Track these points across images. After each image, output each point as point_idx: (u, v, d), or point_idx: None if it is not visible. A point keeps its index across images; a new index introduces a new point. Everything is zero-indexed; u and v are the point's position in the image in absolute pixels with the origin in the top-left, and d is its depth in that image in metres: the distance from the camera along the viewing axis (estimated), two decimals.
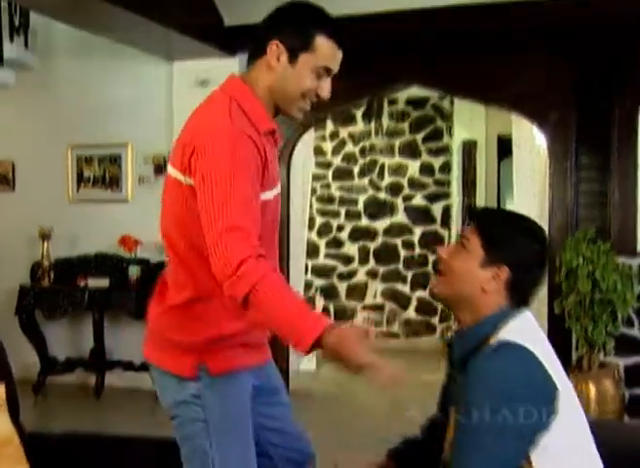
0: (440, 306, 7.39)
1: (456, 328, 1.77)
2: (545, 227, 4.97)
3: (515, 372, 1.59)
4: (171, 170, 1.85)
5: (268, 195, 1.82)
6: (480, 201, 7.37)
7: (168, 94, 5.47)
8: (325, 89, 1.85)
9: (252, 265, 1.63)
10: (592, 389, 4.26)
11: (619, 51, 4.70)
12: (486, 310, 1.70)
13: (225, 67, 5.19)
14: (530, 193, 5.86)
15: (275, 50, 1.81)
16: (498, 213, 1.91)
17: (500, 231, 1.73)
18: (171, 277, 1.91)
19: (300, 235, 6.22)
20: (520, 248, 1.71)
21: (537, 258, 1.72)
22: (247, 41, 5.45)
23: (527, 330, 1.69)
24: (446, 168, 7.46)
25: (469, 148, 7.40)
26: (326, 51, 1.82)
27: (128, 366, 5.52)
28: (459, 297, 1.73)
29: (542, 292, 5.07)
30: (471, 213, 1.82)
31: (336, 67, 1.86)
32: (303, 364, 6.18)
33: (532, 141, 5.80)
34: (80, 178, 5.80)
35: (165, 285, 1.91)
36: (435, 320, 7.46)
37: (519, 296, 1.72)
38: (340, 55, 1.85)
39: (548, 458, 1.58)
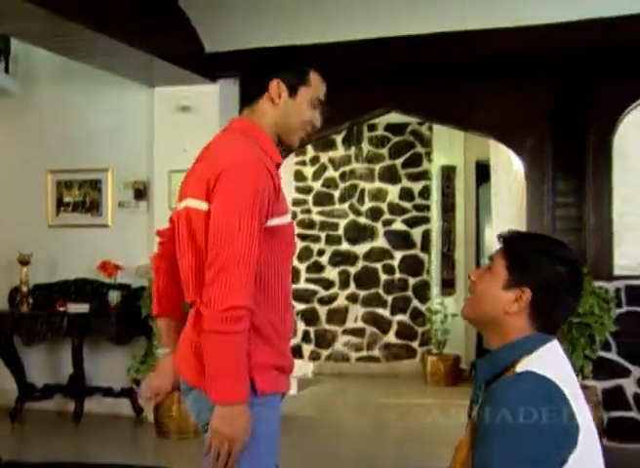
0: (420, 330, 7.40)
1: (485, 348, 1.77)
2: None
3: (533, 401, 1.55)
4: (193, 202, 1.90)
5: (282, 220, 1.92)
6: (459, 226, 7.42)
7: (149, 119, 5.49)
8: (318, 119, 2.07)
9: (238, 317, 1.78)
10: None
11: (592, 77, 4.79)
12: (511, 334, 1.68)
13: (206, 93, 5.24)
14: (508, 218, 5.91)
15: (276, 87, 2.00)
16: (525, 235, 1.90)
17: (525, 253, 1.71)
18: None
19: None
20: (544, 269, 1.68)
21: (562, 281, 1.68)
22: (227, 67, 5.50)
23: (553, 361, 1.65)
24: (425, 193, 7.50)
25: (448, 173, 7.45)
26: (318, 84, 2.05)
27: (107, 392, 5.47)
28: (484, 319, 1.73)
29: None
30: (499, 236, 1.78)
31: (323, 99, 2.08)
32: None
33: (509, 167, 5.86)
34: (60, 203, 5.77)
35: (200, 313, 1.86)
36: (415, 344, 7.46)
37: (545, 321, 1.69)
38: (325, 87, 2.09)
39: None
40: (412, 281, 7.51)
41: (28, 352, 5.69)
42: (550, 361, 1.64)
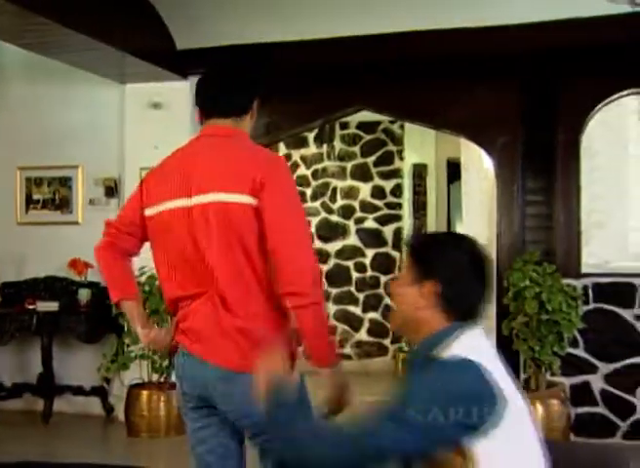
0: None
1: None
2: (493, 249, 5.07)
3: (459, 378, 1.61)
4: (231, 196, 2.07)
5: None
6: (431, 223, 7.46)
7: (120, 116, 5.45)
8: None
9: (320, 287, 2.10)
10: (540, 408, 4.33)
11: (561, 77, 4.85)
12: (428, 327, 1.72)
13: (177, 90, 5.21)
14: (478, 215, 5.96)
15: (255, 104, 2.26)
16: (427, 234, 2.02)
17: (425, 248, 1.78)
18: (237, 292, 2.08)
19: None
20: (444, 260, 1.73)
21: (464, 269, 1.73)
22: (198, 64, 5.47)
23: (476, 346, 1.69)
24: (397, 191, 7.53)
25: (420, 172, 7.49)
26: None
27: (78, 390, 5.43)
28: (405, 323, 1.77)
29: (491, 313, 5.15)
30: (405, 242, 1.91)
31: None
32: None
33: (480, 165, 5.90)
34: (29, 200, 5.71)
35: (225, 300, 2.06)
36: (387, 341, 7.49)
37: (458, 310, 1.73)
38: None
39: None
40: (383, 278, 7.53)
41: None
42: (473, 346, 1.68)
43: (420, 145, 7.43)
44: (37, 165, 5.67)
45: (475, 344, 1.70)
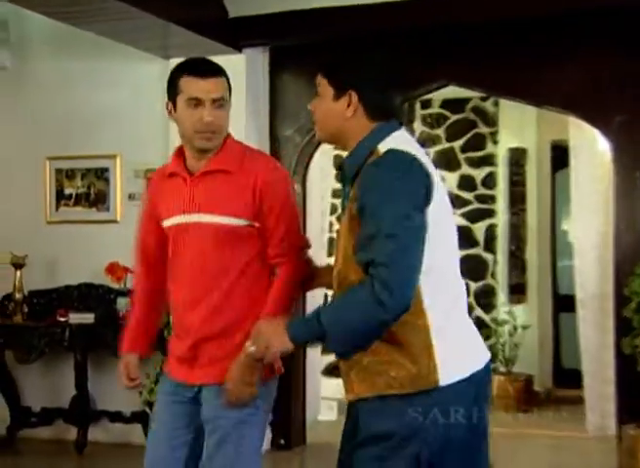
0: None
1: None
2: (610, 251, 4.95)
3: (403, 159, 2.17)
4: None
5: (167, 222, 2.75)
6: (531, 219, 7.36)
7: (163, 96, 5.48)
8: (207, 114, 2.58)
9: None
10: None
11: None
12: (360, 132, 2.26)
13: (231, 65, 5.17)
14: (591, 210, 5.84)
15: (168, 107, 2.66)
16: (335, 51, 2.38)
17: (336, 63, 2.31)
18: None
19: (317, 259, 6.22)
20: (356, 67, 2.27)
21: (378, 70, 2.28)
22: (254, 34, 5.49)
23: (407, 140, 2.28)
24: (490, 181, 7.44)
25: (518, 158, 7.39)
26: (186, 85, 2.59)
27: (115, 417, 5.52)
28: (333, 135, 2.34)
29: (608, 326, 5.04)
30: (319, 65, 2.38)
31: (204, 95, 2.57)
32: (323, 414, 6.14)
33: (593, 149, 5.78)
34: (60, 196, 5.83)
35: None
36: None
37: (380, 110, 2.27)
38: (204, 84, 2.59)
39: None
40: (474, 286, 7.45)
41: (23, 370, 5.77)
42: (404, 141, 2.26)
43: (518, 126, 7.32)
44: (68, 154, 5.78)
45: (407, 138, 2.31)
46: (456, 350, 2.25)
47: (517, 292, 7.33)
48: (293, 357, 5.21)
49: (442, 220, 2.27)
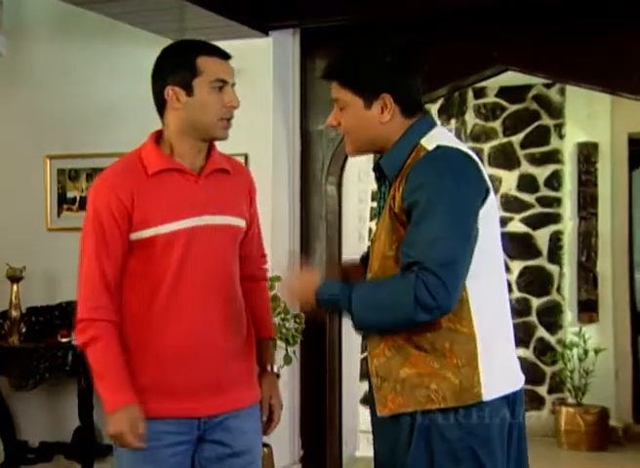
0: (549, 370, 7.31)
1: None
2: None
3: (459, 158, 2.34)
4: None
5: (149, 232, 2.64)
6: (604, 225, 7.30)
7: None
8: (233, 97, 2.65)
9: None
10: None
11: None
12: (398, 132, 2.42)
13: (255, 50, 5.28)
14: None
15: (172, 94, 2.64)
16: (345, 57, 2.51)
17: (355, 72, 2.43)
18: None
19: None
20: (381, 70, 2.40)
21: (400, 65, 2.41)
22: (283, 15, 5.52)
23: (450, 137, 2.47)
24: (555, 181, 7.43)
25: (588, 154, 7.34)
26: (210, 65, 2.62)
27: None
28: (371, 144, 2.49)
29: None
30: (324, 73, 2.53)
31: (229, 78, 2.66)
32: (361, 449, 6.15)
33: None
34: (62, 199, 5.88)
35: None
36: (543, 390, 7.40)
37: (411, 107, 2.44)
38: (226, 65, 2.67)
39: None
40: (536, 302, 7.45)
41: (19, 399, 5.82)
42: (448, 137, 2.46)
43: (587, 117, 7.29)
44: (72, 153, 5.82)
45: (450, 135, 2.52)
46: (499, 364, 2.37)
47: (588, 309, 7.28)
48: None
49: (492, 226, 2.40)
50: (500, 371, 2.39)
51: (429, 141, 2.38)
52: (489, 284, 2.38)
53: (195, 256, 2.65)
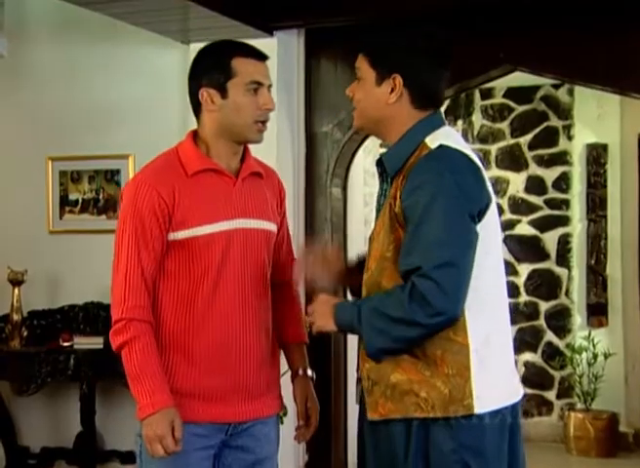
0: (558, 375, 7.29)
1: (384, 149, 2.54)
2: None
3: (461, 159, 2.35)
4: None
5: (192, 232, 2.63)
6: (613, 227, 7.30)
7: (183, 87, 5.50)
8: (269, 99, 2.68)
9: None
10: None
11: None
12: (403, 122, 2.43)
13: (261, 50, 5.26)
14: None
15: (206, 96, 2.67)
16: (377, 32, 2.52)
17: (380, 45, 2.46)
18: None
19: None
20: (402, 50, 2.42)
21: (423, 53, 2.42)
22: (287, 14, 5.51)
23: (455, 138, 2.45)
24: (563, 183, 7.43)
25: (597, 155, 7.34)
26: (245, 67, 2.64)
27: (127, 458, 5.54)
28: (374, 122, 2.49)
29: None
30: (360, 41, 2.53)
31: (264, 80, 2.67)
32: None
33: None
34: (64, 202, 5.88)
35: None
36: (551, 394, 7.40)
37: (425, 96, 2.44)
38: (262, 66, 2.68)
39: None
40: (544, 306, 7.45)
41: (21, 404, 5.82)
42: (453, 138, 2.44)
43: (597, 118, 7.28)
44: (74, 154, 5.82)
45: (457, 136, 2.51)
46: (495, 376, 2.36)
47: (597, 313, 7.27)
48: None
49: (492, 235, 2.39)
50: (495, 384, 2.38)
51: (433, 140, 2.38)
52: (487, 295, 2.36)
53: (233, 260, 2.66)
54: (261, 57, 2.70)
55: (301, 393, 2.85)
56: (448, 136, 2.44)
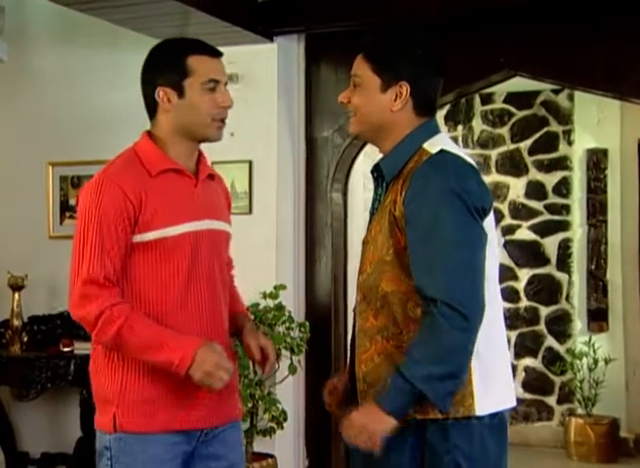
0: (558, 380, 7.29)
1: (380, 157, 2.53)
2: None
3: (463, 165, 2.35)
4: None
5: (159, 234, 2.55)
6: (613, 232, 7.30)
7: None
8: (226, 97, 2.62)
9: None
10: None
11: None
12: (403, 129, 2.42)
13: (260, 56, 5.30)
14: None
15: (163, 95, 2.61)
16: (379, 36, 2.51)
17: (385, 51, 2.43)
18: None
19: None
20: (409, 59, 2.41)
21: (424, 63, 2.43)
22: (288, 20, 5.52)
23: (452, 144, 2.46)
24: (563, 188, 7.43)
25: (598, 160, 7.34)
26: (201, 65, 2.58)
27: None
28: (374, 129, 2.47)
29: None
30: (359, 44, 2.51)
31: (221, 77, 2.62)
32: None
33: None
34: (64, 207, 5.90)
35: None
36: (552, 400, 7.39)
37: (424, 104, 2.45)
38: (218, 63, 2.63)
39: None
40: (545, 311, 7.44)
41: (21, 409, 5.83)
42: (450, 144, 2.45)
43: (597, 123, 7.29)
44: (74, 160, 5.85)
45: (452, 142, 2.49)
46: (496, 379, 2.35)
47: (598, 318, 7.27)
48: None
49: (490, 242, 2.38)
50: (496, 387, 2.38)
51: (432, 146, 2.39)
52: (487, 300, 2.34)
53: (202, 262, 2.61)
54: (217, 53, 2.64)
55: (254, 339, 2.75)
56: (445, 142, 2.45)
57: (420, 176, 2.32)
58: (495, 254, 2.43)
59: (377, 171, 2.50)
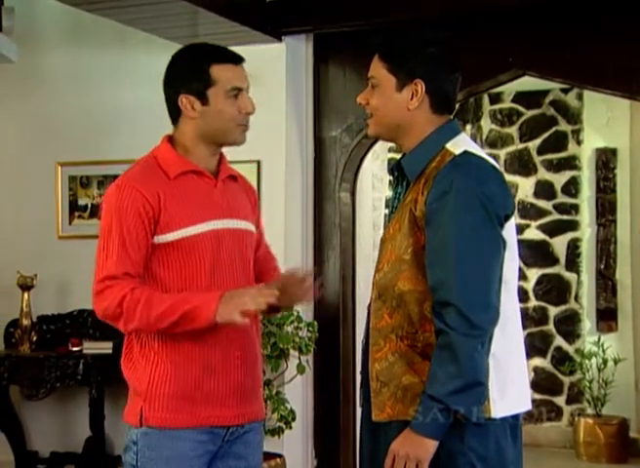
0: (567, 380, 7.28)
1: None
2: None
3: (487, 168, 2.37)
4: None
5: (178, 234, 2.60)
6: (623, 232, 7.29)
7: None
8: (249, 103, 2.67)
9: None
10: None
11: None
12: (422, 128, 2.44)
13: (269, 56, 5.29)
14: None
15: (186, 103, 2.65)
16: (393, 36, 2.52)
17: (399, 50, 2.45)
18: None
19: (368, 276, 6.23)
20: (423, 57, 2.43)
21: (442, 60, 2.45)
22: (296, 20, 5.52)
23: (475, 146, 2.48)
24: (572, 187, 7.42)
25: (607, 160, 7.33)
26: (224, 74, 2.64)
27: None
28: (392, 129, 2.49)
29: None
30: (372, 45, 2.53)
31: (243, 84, 2.67)
32: None
33: None
34: (73, 207, 5.92)
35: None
36: (561, 400, 7.37)
37: (442, 102, 2.46)
38: (240, 70, 2.68)
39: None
40: (554, 311, 7.43)
41: (30, 409, 5.85)
42: (474, 145, 2.47)
43: (606, 123, 7.28)
44: (83, 159, 5.86)
45: (473, 143, 2.50)
46: (513, 381, 2.34)
47: (607, 318, 7.26)
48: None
49: (510, 245, 2.39)
50: (512, 390, 2.38)
51: (455, 146, 2.40)
52: (505, 303, 2.36)
53: (224, 260, 2.65)
54: (239, 60, 2.69)
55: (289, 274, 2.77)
56: (468, 143, 2.46)
57: (444, 177, 2.32)
58: (514, 258, 2.42)
59: (397, 169, 2.51)
